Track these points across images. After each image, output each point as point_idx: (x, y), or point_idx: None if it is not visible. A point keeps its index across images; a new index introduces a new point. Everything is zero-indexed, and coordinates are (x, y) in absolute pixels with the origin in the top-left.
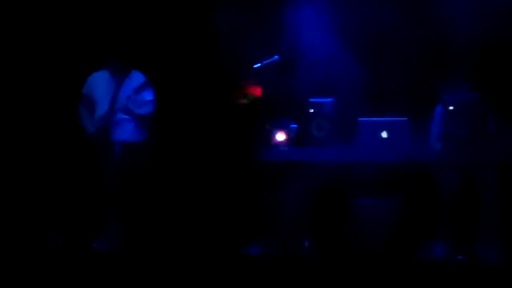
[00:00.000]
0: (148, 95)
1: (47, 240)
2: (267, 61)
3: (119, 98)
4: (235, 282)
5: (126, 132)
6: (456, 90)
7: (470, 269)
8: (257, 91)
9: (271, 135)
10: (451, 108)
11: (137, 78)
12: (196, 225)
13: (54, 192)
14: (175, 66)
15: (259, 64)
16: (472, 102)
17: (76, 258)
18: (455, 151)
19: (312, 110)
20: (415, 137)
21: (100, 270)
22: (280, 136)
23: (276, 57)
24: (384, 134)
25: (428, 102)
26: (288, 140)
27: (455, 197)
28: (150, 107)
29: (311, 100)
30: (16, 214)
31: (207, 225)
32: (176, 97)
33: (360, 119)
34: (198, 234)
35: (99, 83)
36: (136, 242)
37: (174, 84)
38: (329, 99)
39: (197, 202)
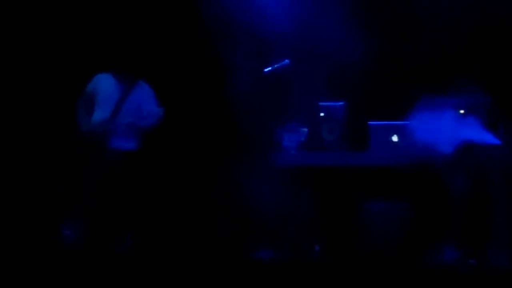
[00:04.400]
0: (153, 109)
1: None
2: (278, 64)
3: (123, 108)
4: (246, 287)
5: (122, 140)
6: (467, 93)
7: (481, 273)
8: None
9: (282, 138)
10: (462, 111)
11: (144, 89)
12: (207, 230)
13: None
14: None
15: (270, 68)
16: (484, 106)
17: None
18: (466, 154)
19: (322, 114)
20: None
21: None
22: (291, 140)
23: (286, 60)
24: (394, 138)
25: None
26: (299, 144)
27: (466, 200)
28: (153, 121)
29: (322, 103)
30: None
31: (217, 229)
32: (179, 104)
33: (370, 122)
34: (208, 239)
35: (105, 86)
36: (146, 245)
37: (176, 92)
38: (340, 103)
39: (207, 206)
